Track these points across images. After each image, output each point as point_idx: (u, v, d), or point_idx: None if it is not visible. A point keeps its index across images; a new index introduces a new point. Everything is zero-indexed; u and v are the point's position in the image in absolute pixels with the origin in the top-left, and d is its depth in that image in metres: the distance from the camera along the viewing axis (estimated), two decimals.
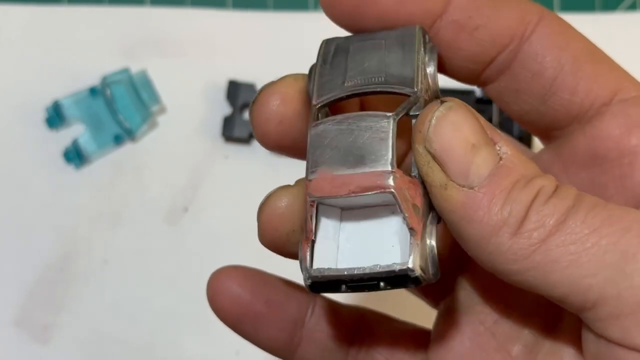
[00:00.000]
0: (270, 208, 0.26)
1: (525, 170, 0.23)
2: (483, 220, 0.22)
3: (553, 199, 0.22)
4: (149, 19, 0.53)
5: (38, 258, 0.50)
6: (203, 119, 0.52)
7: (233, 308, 0.29)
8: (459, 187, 0.22)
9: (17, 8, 0.53)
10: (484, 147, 0.22)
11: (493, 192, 0.22)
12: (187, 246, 0.51)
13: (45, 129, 0.51)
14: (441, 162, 0.22)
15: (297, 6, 0.54)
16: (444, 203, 0.23)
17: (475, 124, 0.23)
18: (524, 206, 0.22)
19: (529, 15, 0.25)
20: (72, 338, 0.49)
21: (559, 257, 0.21)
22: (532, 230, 0.21)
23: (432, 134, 0.22)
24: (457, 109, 0.23)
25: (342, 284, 0.23)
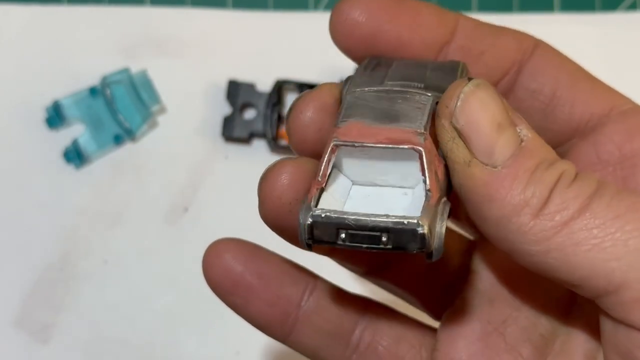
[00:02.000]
0: (273, 176, 0.26)
1: (546, 153, 0.23)
2: (505, 199, 0.22)
3: (577, 182, 0.22)
4: (149, 19, 0.53)
5: (38, 258, 0.50)
6: (203, 119, 0.52)
7: (225, 279, 0.29)
8: (482, 165, 0.22)
9: (17, 8, 0.53)
10: (508, 127, 0.23)
11: (516, 172, 0.22)
12: (187, 246, 0.51)
13: (45, 129, 0.51)
14: (467, 138, 0.22)
15: (297, 6, 0.54)
16: (467, 180, 0.23)
17: (500, 104, 0.23)
18: (548, 188, 0.22)
19: (526, 43, 0.27)
20: (72, 338, 0.49)
21: (581, 240, 0.21)
22: (555, 212, 0.22)
23: (459, 110, 0.22)
24: (485, 87, 0.23)
25: (343, 231, 0.22)
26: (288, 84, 0.51)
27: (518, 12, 0.54)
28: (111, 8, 0.53)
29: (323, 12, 0.54)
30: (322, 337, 0.29)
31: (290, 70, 0.52)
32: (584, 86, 0.26)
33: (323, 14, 0.54)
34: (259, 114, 0.51)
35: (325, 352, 0.29)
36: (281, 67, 0.52)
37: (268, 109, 0.51)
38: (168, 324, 0.50)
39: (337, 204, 0.23)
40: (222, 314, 0.50)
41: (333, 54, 0.52)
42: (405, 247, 0.22)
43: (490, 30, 0.27)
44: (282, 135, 0.51)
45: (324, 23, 0.54)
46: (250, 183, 0.51)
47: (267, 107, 0.51)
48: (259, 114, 0.51)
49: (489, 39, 0.27)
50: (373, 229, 0.22)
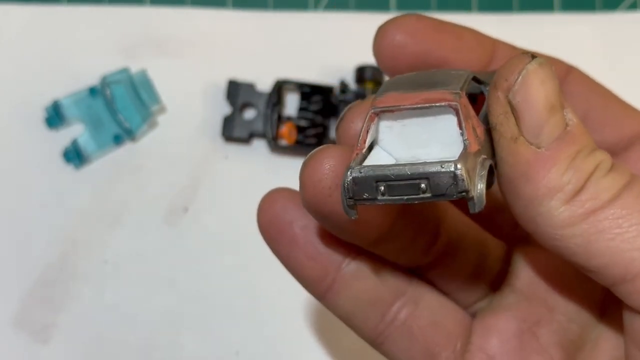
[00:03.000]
0: (315, 161, 0.25)
1: (587, 140, 0.23)
2: (542, 181, 0.22)
3: (612, 173, 0.23)
4: (149, 19, 0.53)
5: (38, 258, 0.50)
6: (203, 119, 0.52)
7: (272, 226, 0.30)
8: (528, 144, 0.23)
9: (17, 8, 0.53)
10: (559, 110, 0.23)
11: (558, 156, 0.22)
12: (187, 246, 0.51)
13: (45, 129, 0.51)
14: (519, 114, 0.23)
15: (297, 6, 0.54)
16: (510, 156, 0.23)
17: (557, 86, 0.23)
18: (584, 176, 0.22)
19: (560, 66, 0.27)
20: (72, 338, 0.49)
21: (606, 228, 0.22)
22: (587, 200, 0.22)
23: (519, 85, 0.23)
24: (547, 67, 0.23)
25: (382, 183, 0.22)
26: (288, 84, 0.51)
27: (518, 12, 0.54)
28: (111, 8, 0.53)
29: (323, 12, 0.54)
30: (358, 305, 0.29)
31: (290, 70, 0.52)
32: (615, 109, 0.27)
33: (323, 14, 0.54)
34: (259, 114, 0.51)
35: (359, 320, 0.29)
36: (281, 67, 0.52)
37: (268, 109, 0.51)
38: (168, 324, 0.50)
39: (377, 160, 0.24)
40: (222, 313, 0.50)
41: (333, 54, 0.53)
42: (444, 193, 0.22)
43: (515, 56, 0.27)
44: (282, 135, 0.51)
45: (324, 23, 0.54)
46: (250, 183, 0.52)
47: (267, 107, 0.51)
48: (259, 114, 0.51)
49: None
50: (411, 177, 0.22)
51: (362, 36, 0.53)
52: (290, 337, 0.50)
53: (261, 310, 0.50)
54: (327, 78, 0.52)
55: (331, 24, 0.53)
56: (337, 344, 0.50)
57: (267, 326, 0.50)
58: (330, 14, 0.54)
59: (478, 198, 0.22)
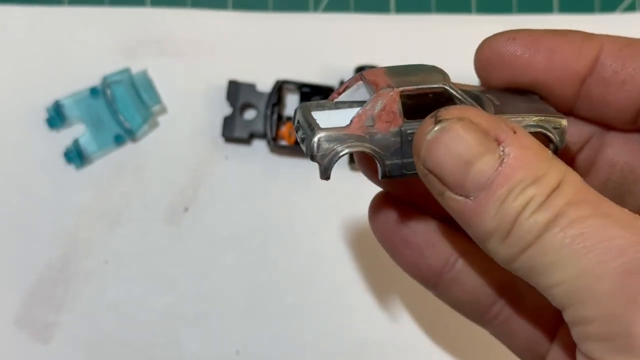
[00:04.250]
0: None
1: (525, 172, 0.23)
2: (478, 226, 0.24)
3: (537, 213, 0.23)
4: (149, 20, 0.53)
5: (38, 258, 0.50)
6: (203, 119, 0.52)
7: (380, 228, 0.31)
8: (455, 197, 0.24)
9: (18, 8, 0.53)
10: (479, 158, 0.23)
11: (487, 202, 0.23)
12: (187, 246, 0.51)
13: (46, 129, 0.51)
14: (437, 176, 0.24)
15: (297, 7, 0.54)
16: (445, 208, 0.24)
17: (470, 139, 0.24)
18: (512, 218, 0.23)
19: (617, 43, 0.27)
20: (73, 337, 0.49)
21: (534, 267, 0.23)
22: (516, 241, 0.23)
23: (425, 155, 0.24)
24: (450, 129, 0.24)
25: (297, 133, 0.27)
26: (288, 84, 0.51)
27: (517, 13, 0.54)
28: (112, 8, 0.53)
29: (323, 13, 0.54)
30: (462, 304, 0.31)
31: (290, 70, 0.52)
32: None
33: (323, 15, 0.54)
34: (259, 114, 0.51)
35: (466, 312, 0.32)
36: (281, 68, 0.52)
37: (268, 109, 0.51)
38: (168, 324, 0.50)
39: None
40: (222, 313, 0.50)
41: (333, 54, 0.53)
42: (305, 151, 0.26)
43: (635, 52, 0.27)
44: (282, 135, 0.51)
45: (324, 24, 0.54)
46: (250, 183, 0.52)
47: (267, 108, 0.51)
48: (259, 114, 0.51)
49: (632, 64, 0.27)
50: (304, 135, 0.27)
51: (362, 37, 0.54)
52: (290, 336, 0.50)
53: (261, 310, 0.50)
54: (327, 78, 0.52)
55: (331, 25, 0.53)
56: (337, 344, 0.50)
57: (267, 325, 0.50)
58: (330, 15, 0.54)
59: (323, 168, 0.26)
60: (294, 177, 0.51)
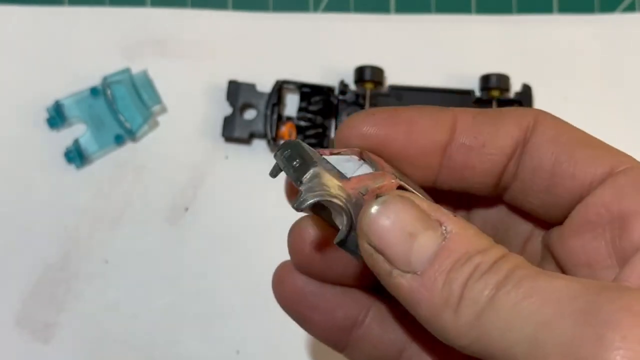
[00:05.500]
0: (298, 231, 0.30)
1: (468, 246, 0.24)
2: (429, 301, 0.23)
3: (485, 275, 0.23)
4: (149, 20, 0.53)
5: (39, 257, 0.50)
6: (203, 119, 0.52)
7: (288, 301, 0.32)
8: (403, 274, 0.24)
9: (18, 9, 0.53)
10: (423, 232, 0.24)
11: (434, 274, 0.23)
12: (187, 246, 0.51)
13: (47, 129, 0.51)
14: (382, 253, 0.24)
15: (297, 7, 0.54)
16: (394, 290, 0.24)
17: (412, 214, 0.24)
18: (461, 284, 0.23)
19: (526, 121, 0.27)
20: (73, 337, 0.49)
21: (491, 331, 0.22)
22: (468, 307, 0.23)
23: (368, 231, 0.24)
24: (391, 204, 0.24)
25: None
26: (288, 84, 0.51)
27: (517, 13, 0.54)
28: (112, 9, 0.53)
29: (323, 13, 0.54)
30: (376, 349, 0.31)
31: (290, 70, 0.52)
32: (583, 154, 0.27)
33: (323, 15, 0.54)
34: (259, 114, 0.52)
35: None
36: (281, 68, 0.52)
37: (268, 109, 0.51)
38: (169, 323, 0.50)
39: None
40: (223, 312, 0.50)
41: (333, 54, 0.53)
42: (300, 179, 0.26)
43: (488, 118, 0.28)
44: (282, 135, 0.51)
45: (323, 24, 0.54)
46: (250, 183, 0.52)
47: (267, 108, 0.51)
48: (259, 114, 0.52)
49: (488, 129, 0.28)
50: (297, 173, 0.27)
51: (362, 37, 0.54)
52: (290, 336, 0.50)
53: (262, 309, 0.50)
54: (327, 78, 0.52)
55: (331, 25, 0.54)
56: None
57: (268, 325, 0.50)
58: (330, 15, 0.54)
59: (300, 201, 0.25)
60: None
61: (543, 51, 0.53)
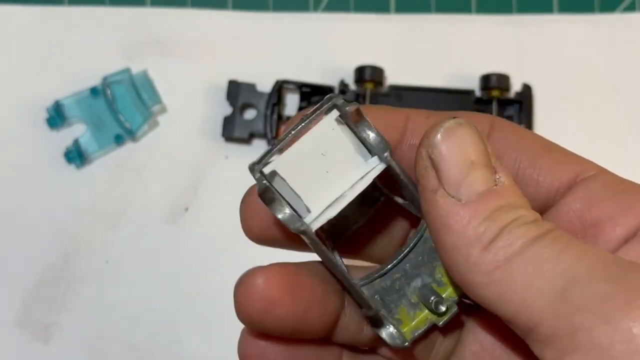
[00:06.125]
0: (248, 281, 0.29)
1: (515, 199, 0.24)
2: (460, 231, 0.23)
3: (526, 225, 0.23)
4: (149, 20, 0.53)
5: (39, 258, 0.50)
6: (203, 119, 0.52)
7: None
8: (447, 196, 0.24)
9: (18, 8, 0.53)
10: (482, 167, 0.24)
11: (477, 209, 0.23)
12: (187, 246, 0.51)
13: (46, 129, 0.51)
14: (438, 168, 0.24)
15: (297, 7, 0.54)
16: (431, 207, 0.24)
17: (480, 146, 0.24)
18: (500, 226, 0.23)
19: (480, 125, 0.27)
20: (73, 337, 0.49)
21: (517, 277, 0.22)
22: (500, 248, 0.23)
23: (436, 141, 0.24)
24: (467, 127, 0.24)
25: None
26: (288, 84, 0.51)
27: (517, 13, 0.54)
28: (112, 9, 0.53)
29: (323, 13, 0.54)
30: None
31: (290, 70, 0.52)
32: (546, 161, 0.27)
33: (323, 15, 0.54)
34: (259, 114, 0.52)
35: None
36: (281, 68, 0.52)
37: (268, 109, 0.51)
38: (169, 323, 0.50)
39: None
40: (223, 313, 0.50)
41: (333, 54, 0.53)
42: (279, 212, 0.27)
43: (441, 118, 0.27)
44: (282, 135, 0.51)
45: (323, 24, 0.54)
46: (250, 183, 0.52)
47: (267, 108, 0.51)
48: (259, 114, 0.52)
49: None
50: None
51: (362, 37, 0.54)
52: None
53: None
54: (327, 78, 0.52)
55: (331, 25, 0.54)
56: None
57: None
58: (330, 15, 0.54)
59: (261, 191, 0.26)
60: None
61: (543, 51, 0.53)
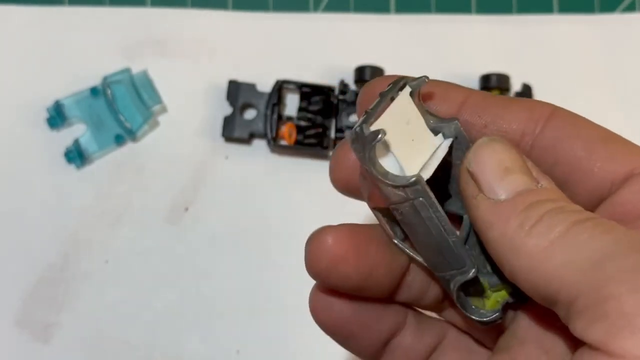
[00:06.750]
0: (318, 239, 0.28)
1: (556, 195, 0.25)
2: (503, 223, 0.24)
3: (567, 213, 0.24)
4: (149, 20, 0.53)
5: (39, 258, 0.50)
6: (203, 119, 0.52)
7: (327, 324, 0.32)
8: (486, 198, 0.25)
9: (18, 8, 0.53)
10: (518, 172, 0.25)
11: (517, 203, 0.24)
12: (187, 245, 0.51)
13: (47, 129, 0.51)
14: (476, 178, 0.25)
15: (297, 7, 0.54)
16: (474, 210, 0.25)
17: (515, 156, 0.25)
18: (541, 213, 0.24)
19: (538, 112, 0.28)
20: (73, 337, 0.49)
21: (558, 257, 0.23)
22: (542, 232, 0.24)
23: (472, 155, 0.26)
24: (500, 141, 0.26)
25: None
26: (288, 84, 0.51)
27: (517, 13, 0.54)
28: (112, 9, 0.54)
29: (323, 13, 0.54)
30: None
31: (290, 70, 0.52)
32: (602, 153, 0.27)
33: (323, 15, 0.54)
34: (259, 114, 0.52)
35: None
36: (281, 68, 0.52)
37: (268, 109, 0.51)
38: (169, 323, 0.50)
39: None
40: (222, 313, 0.50)
41: (333, 54, 0.53)
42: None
43: (499, 101, 0.28)
44: (282, 135, 0.51)
45: (323, 24, 0.54)
46: (251, 183, 0.52)
47: (268, 108, 0.51)
48: (259, 114, 0.52)
49: (494, 110, 0.28)
50: None
51: (362, 37, 0.54)
52: (290, 336, 0.50)
53: (262, 309, 0.50)
54: (327, 78, 0.52)
55: (331, 25, 0.54)
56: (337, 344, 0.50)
57: (268, 325, 0.50)
58: (330, 15, 0.54)
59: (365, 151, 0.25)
60: (294, 177, 0.51)
61: (543, 51, 0.53)
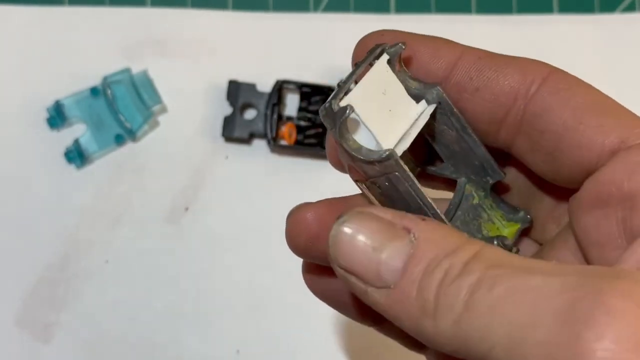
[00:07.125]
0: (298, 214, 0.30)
1: (437, 250, 0.23)
2: (407, 313, 0.23)
3: (458, 279, 0.22)
4: (149, 20, 0.53)
5: (39, 257, 0.50)
6: (203, 119, 0.52)
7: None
8: (378, 290, 0.23)
9: (18, 9, 0.53)
10: (388, 244, 0.23)
11: (406, 286, 0.23)
12: (187, 246, 0.51)
13: (47, 129, 0.51)
14: (353, 273, 0.23)
15: (297, 7, 0.54)
16: (374, 307, 0.24)
17: (373, 227, 0.23)
18: (434, 292, 0.22)
19: (533, 75, 0.26)
20: (73, 337, 0.50)
21: (471, 334, 0.22)
22: (445, 313, 0.22)
23: (333, 254, 0.24)
24: (350, 221, 0.24)
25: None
26: (288, 84, 0.51)
27: (517, 13, 0.54)
28: (112, 9, 0.54)
29: (323, 13, 0.54)
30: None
31: (290, 70, 0.52)
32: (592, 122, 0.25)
33: (323, 15, 0.54)
34: (259, 114, 0.52)
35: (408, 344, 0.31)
36: (281, 68, 0.52)
37: (268, 109, 0.51)
38: (169, 323, 0.50)
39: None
40: (223, 312, 0.50)
41: (333, 54, 0.53)
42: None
43: (493, 62, 0.26)
44: (282, 135, 0.51)
45: (323, 24, 0.55)
46: (251, 183, 0.52)
47: (268, 107, 0.51)
48: (259, 114, 0.52)
49: (487, 73, 0.26)
50: None
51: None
52: (290, 335, 0.50)
53: (262, 309, 0.50)
54: (327, 78, 0.52)
55: (331, 25, 0.54)
56: (337, 343, 0.50)
57: (268, 325, 0.50)
58: (330, 15, 0.54)
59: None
60: (294, 176, 0.51)
61: (543, 51, 0.53)
